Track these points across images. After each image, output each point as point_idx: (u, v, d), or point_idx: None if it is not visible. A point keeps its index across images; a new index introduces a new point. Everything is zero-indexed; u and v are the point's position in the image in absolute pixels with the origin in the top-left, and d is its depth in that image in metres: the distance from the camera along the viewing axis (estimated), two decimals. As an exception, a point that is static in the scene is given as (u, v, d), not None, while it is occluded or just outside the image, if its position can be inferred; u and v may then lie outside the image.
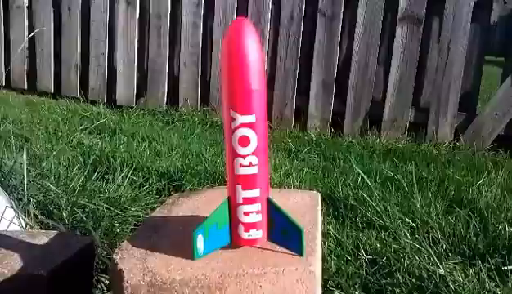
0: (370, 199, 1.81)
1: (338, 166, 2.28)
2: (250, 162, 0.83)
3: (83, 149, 2.27)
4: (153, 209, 1.44)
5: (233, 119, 0.82)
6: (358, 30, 2.89)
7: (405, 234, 1.58)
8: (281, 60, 3.02)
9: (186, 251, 0.84)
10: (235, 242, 0.88)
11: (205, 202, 1.07)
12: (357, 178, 2.06)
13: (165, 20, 3.20)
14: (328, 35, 2.94)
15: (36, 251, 0.96)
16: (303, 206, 1.07)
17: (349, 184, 2.01)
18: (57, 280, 0.91)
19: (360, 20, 2.88)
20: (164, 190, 1.90)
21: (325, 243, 1.57)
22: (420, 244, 1.52)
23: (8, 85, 3.56)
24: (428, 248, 1.49)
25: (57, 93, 3.47)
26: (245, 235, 0.87)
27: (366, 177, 2.00)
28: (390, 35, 2.90)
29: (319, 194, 1.15)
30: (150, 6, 3.23)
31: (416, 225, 1.67)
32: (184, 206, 1.07)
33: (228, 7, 3.06)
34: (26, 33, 3.51)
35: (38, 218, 1.45)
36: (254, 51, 0.79)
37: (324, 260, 1.47)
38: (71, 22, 3.41)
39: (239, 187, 0.85)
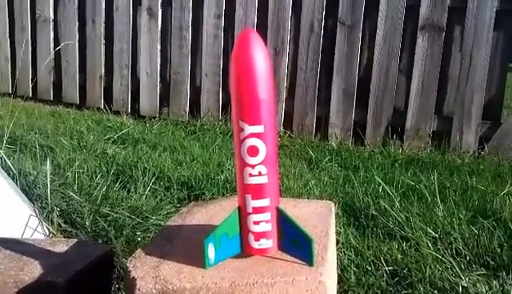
0: (392, 209, 1.79)
1: (359, 175, 2.26)
2: (259, 172, 0.84)
3: (106, 159, 2.31)
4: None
5: (242, 129, 0.83)
6: (379, 39, 2.88)
7: (427, 245, 1.57)
8: (302, 70, 3.03)
9: (198, 259, 0.85)
10: (245, 251, 0.88)
11: (219, 212, 1.07)
12: (378, 188, 2.05)
13: (187, 32, 3.24)
14: (348, 44, 2.94)
15: (55, 259, 0.98)
16: (316, 215, 1.07)
17: (370, 194, 1.99)
18: (75, 288, 0.93)
19: (380, 29, 2.87)
20: (185, 199, 1.92)
21: (344, 253, 1.56)
22: (443, 255, 1.50)
23: (35, 96, 3.65)
24: (451, 259, 1.47)
25: (82, 104, 3.54)
26: (255, 244, 0.87)
27: (386, 187, 1.98)
28: (411, 43, 2.87)
29: (332, 204, 1.15)
30: (172, 18, 3.28)
31: (439, 236, 1.65)
32: (198, 215, 1.08)
33: (248, 18, 3.09)
34: (52, 45, 3.60)
35: (61, 226, 1.48)
36: (262, 61, 0.80)
37: (343, 270, 1.46)
38: (95, 34, 3.48)
39: (248, 196, 0.85)
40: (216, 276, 0.82)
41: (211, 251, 0.84)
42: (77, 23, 3.53)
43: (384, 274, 1.43)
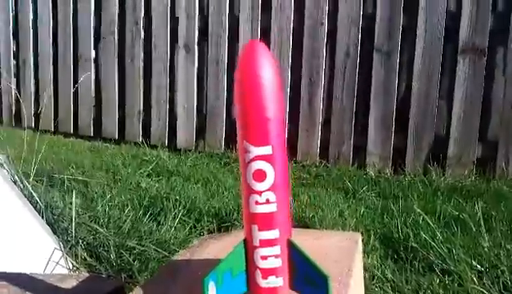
0: (433, 241, 1.69)
1: (398, 205, 2.16)
2: (267, 199, 0.75)
3: (139, 192, 2.30)
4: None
5: (247, 151, 0.74)
6: (417, 64, 2.79)
7: (471, 279, 1.45)
8: (337, 98, 2.97)
9: None
10: (252, 290, 0.78)
11: (234, 245, 1.00)
12: (418, 218, 1.94)
13: (223, 65, 3.26)
14: (385, 71, 2.86)
15: (59, 296, 0.94)
16: (339, 249, 0.96)
17: (410, 225, 1.89)
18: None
19: (419, 54, 2.79)
20: (215, 231, 1.87)
21: (380, 289, 1.47)
22: (489, 290, 1.38)
23: (76, 132, 3.74)
24: (498, 294, 1.35)
25: (121, 139, 3.59)
26: (263, 283, 0.77)
27: (427, 217, 1.88)
28: (451, 67, 2.77)
29: (359, 235, 1.03)
30: (208, 53, 3.31)
31: (484, 269, 1.53)
32: (209, 248, 1.01)
33: (284, 47, 3.07)
34: (93, 85, 3.70)
35: (86, 260, 1.46)
36: (269, 76, 0.73)
37: (379, 306, 1.37)
38: (134, 72, 3.55)
39: (255, 227, 0.76)
40: (216, 319, 0.73)
41: (212, 291, 0.74)
42: (116, 61, 3.62)
43: (424, 311, 1.33)
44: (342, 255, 0.92)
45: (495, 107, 2.73)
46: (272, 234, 0.76)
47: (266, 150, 0.74)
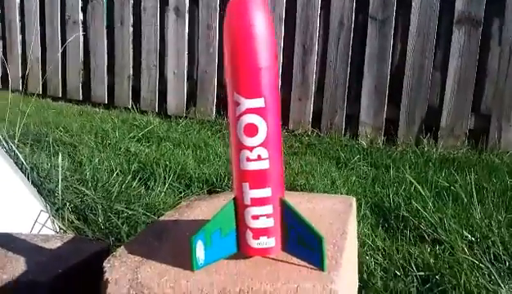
0: (424, 210, 1.68)
1: (389, 175, 2.15)
2: (259, 156, 0.70)
3: (128, 157, 2.27)
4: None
5: (237, 104, 0.69)
6: (412, 34, 2.75)
7: (462, 249, 1.45)
8: (331, 67, 2.92)
9: (187, 260, 0.72)
10: (242, 251, 0.74)
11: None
12: (409, 188, 1.93)
13: (214, 30, 3.19)
14: (380, 40, 2.81)
15: (44, 255, 0.90)
16: (333, 212, 0.92)
17: (401, 194, 1.88)
18: (62, 286, 0.85)
19: (414, 23, 2.74)
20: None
21: (371, 257, 1.46)
22: (480, 260, 1.38)
23: (64, 96, 3.67)
24: (489, 265, 1.35)
25: (111, 104, 3.53)
26: (255, 243, 0.73)
27: (419, 186, 1.87)
28: (446, 38, 2.73)
29: (353, 199, 1.00)
30: (199, 17, 3.23)
31: (475, 239, 1.53)
32: (198, 209, 0.97)
33: (276, 15, 3.01)
34: (82, 46, 3.61)
35: (73, 223, 1.43)
36: (261, 22, 0.67)
37: (370, 275, 1.36)
38: (123, 35, 3.47)
39: (246, 185, 0.71)
40: (204, 280, 0.70)
41: (200, 250, 0.70)
42: (105, 24, 3.53)
43: (415, 280, 1.33)
44: (336, 218, 0.89)
45: (489, 78, 2.71)
46: (264, 193, 0.72)
47: (258, 102, 0.69)
